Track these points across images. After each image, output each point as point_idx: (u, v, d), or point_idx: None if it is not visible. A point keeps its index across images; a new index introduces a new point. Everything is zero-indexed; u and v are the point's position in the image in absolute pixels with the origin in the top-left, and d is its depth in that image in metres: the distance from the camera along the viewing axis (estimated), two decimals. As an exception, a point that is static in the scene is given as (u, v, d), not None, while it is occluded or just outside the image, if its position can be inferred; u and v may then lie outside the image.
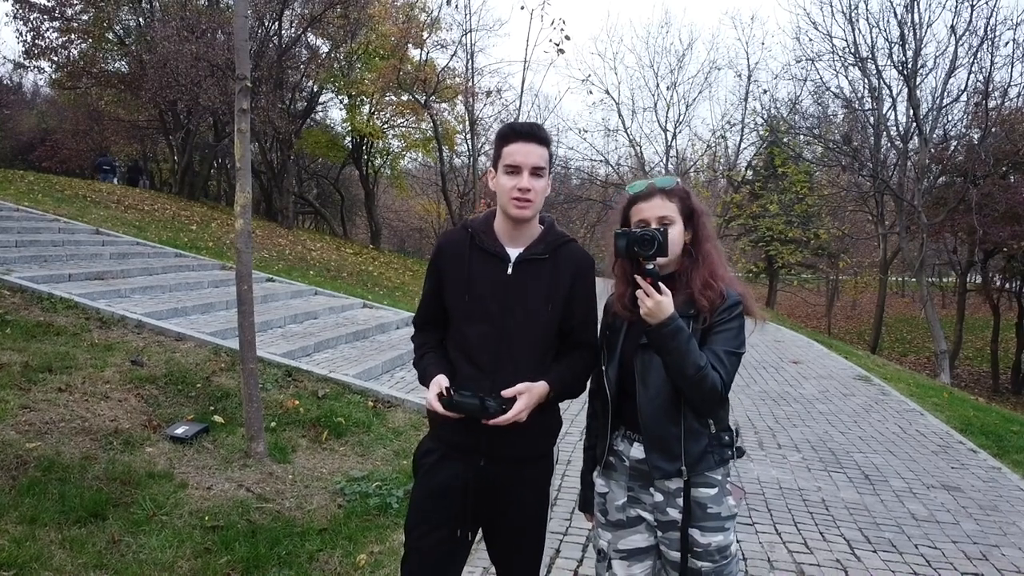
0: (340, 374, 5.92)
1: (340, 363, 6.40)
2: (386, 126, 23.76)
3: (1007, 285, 23.02)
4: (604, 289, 2.08)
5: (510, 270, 1.95)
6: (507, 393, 1.84)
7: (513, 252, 1.97)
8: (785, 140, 21.88)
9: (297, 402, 5.25)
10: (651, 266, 1.76)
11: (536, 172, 1.91)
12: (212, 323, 6.73)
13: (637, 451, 1.91)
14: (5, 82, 29.09)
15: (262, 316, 7.07)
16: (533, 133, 1.92)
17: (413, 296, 13.05)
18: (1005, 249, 17.30)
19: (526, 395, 1.86)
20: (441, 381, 1.89)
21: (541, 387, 1.89)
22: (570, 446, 4.98)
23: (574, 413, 5.66)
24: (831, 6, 22.19)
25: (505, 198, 1.92)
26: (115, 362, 5.24)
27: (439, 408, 1.84)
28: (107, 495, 3.61)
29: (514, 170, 1.90)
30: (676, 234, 1.86)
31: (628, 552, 1.94)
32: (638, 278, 1.76)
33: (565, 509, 3.97)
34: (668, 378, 1.81)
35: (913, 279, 22.51)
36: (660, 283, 1.75)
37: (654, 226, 1.83)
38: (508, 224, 1.97)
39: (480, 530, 2.08)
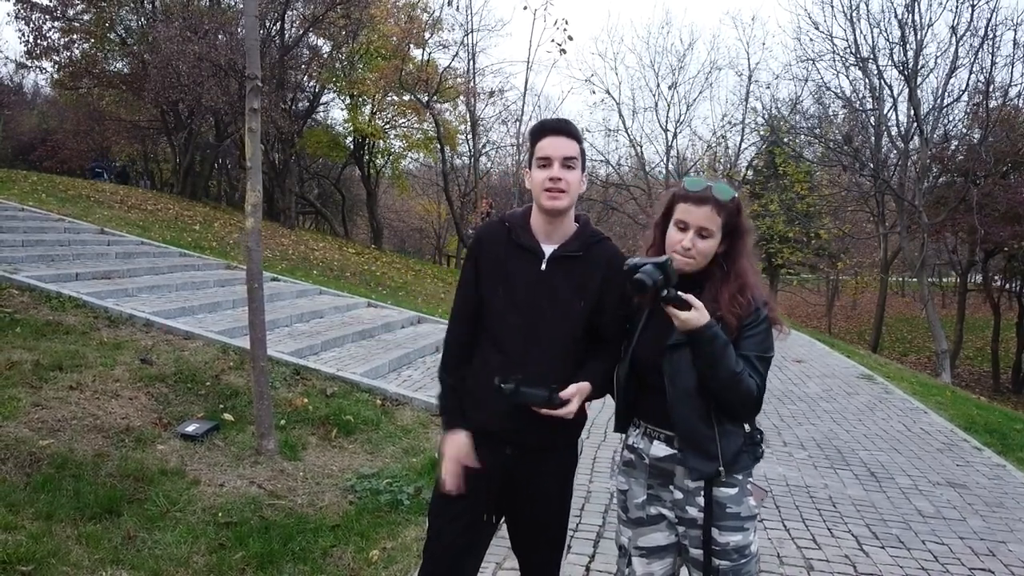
0: (348, 373, 5.95)
1: (347, 362, 6.43)
2: (388, 126, 23.79)
3: (1007, 285, 23.07)
4: None
5: (544, 265, 1.99)
6: (565, 395, 1.88)
7: (548, 248, 2.00)
8: (786, 140, 21.90)
9: (306, 400, 5.28)
10: (666, 293, 1.75)
11: (567, 164, 1.95)
12: (220, 322, 6.76)
13: (658, 449, 1.91)
14: (6, 82, 29.10)
15: (269, 315, 7.04)
16: (562, 128, 1.98)
17: (416, 296, 13.08)
18: (1006, 249, 17.35)
19: (579, 396, 1.90)
20: (465, 444, 1.99)
21: (586, 387, 1.94)
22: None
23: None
24: (832, 6, 22.18)
25: (538, 191, 1.96)
26: (124, 361, 5.27)
27: (453, 470, 1.97)
28: (121, 492, 3.63)
29: (546, 163, 1.95)
30: (709, 246, 1.86)
31: (648, 550, 1.94)
32: (663, 304, 1.78)
33: (576, 505, 3.99)
34: (700, 379, 1.82)
35: (913, 279, 22.55)
36: (688, 296, 1.76)
37: (691, 235, 1.83)
38: (544, 220, 2.01)
39: (503, 519, 2.11)
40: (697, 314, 1.74)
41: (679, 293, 1.77)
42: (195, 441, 4.38)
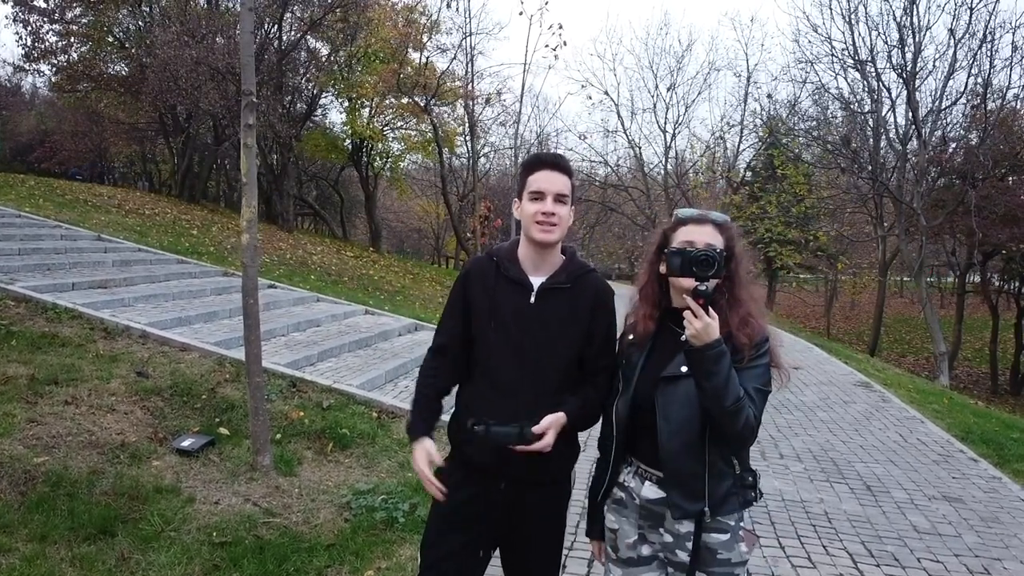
0: (344, 384, 5.95)
1: (344, 373, 6.42)
2: (386, 128, 23.76)
3: (1006, 286, 23.10)
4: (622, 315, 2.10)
5: (533, 298, 2.01)
6: (538, 429, 1.87)
7: (536, 280, 2.03)
8: (784, 141, 21.91)
9: (302, 413, 5.27)
10: (704, 287, 1.71)
11: (560, 199, 1.98)
12: (216, 332, 6.74)
13: (649, 491, 1.88)
14: (4, 83, 29.06)
15: (265, 324, 7.05)
16: (557, 163, 2.01)
17: (414, 301, 13.08)
18: (1004, 251, 17.36)
19: (554, 428, 1.90)
20: (429, 448, 2.00)
21: (561, 417, 1.93)
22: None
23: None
24: (831, 9, 22.30)
25: (529, 223, 1.99)
26: (120, 373, 5.26)
27: (431, 477, 1.98)
28: (115, 511, 3.63)
29: (538, 196, 1.97)
30: None
31: None
32: (687, 298, 1.71)
33: (571, 523, 3.98)
34: (701, 408, 1.75)
35: (912, 280, 22.55)
36: (709, 306, 1.71)
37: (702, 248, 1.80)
38: (532, 252, 2.03)
39: (496, 551, 2.13)
40: (715, 325, 1.69)
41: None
42: (190, 456, 4.37)
